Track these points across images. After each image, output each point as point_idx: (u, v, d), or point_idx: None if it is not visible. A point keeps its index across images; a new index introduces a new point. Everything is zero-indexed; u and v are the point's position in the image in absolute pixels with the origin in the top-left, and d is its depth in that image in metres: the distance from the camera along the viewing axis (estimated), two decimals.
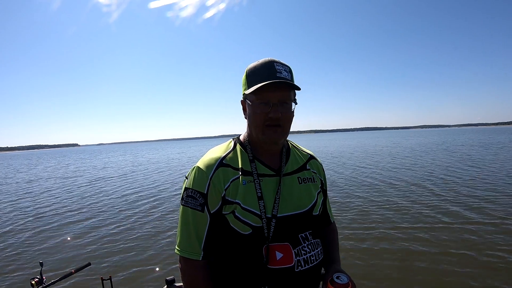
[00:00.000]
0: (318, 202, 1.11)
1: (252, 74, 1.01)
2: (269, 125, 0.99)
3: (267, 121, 0.98)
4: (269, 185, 1.02)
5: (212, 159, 1.02)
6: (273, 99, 0.97)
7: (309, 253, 1.02)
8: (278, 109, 0.97)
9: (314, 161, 1.20)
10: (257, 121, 1.00)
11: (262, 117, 0.98)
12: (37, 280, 1.85)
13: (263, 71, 0.98)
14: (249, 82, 1.01)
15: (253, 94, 0.98)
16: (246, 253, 0.99)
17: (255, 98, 0.99)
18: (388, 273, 3.73)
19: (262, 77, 0.97)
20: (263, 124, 0.99)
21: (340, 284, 0.91)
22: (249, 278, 0.98)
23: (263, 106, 0.98)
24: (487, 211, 5.89)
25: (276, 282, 0.97)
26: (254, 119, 1.01)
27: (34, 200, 9.95)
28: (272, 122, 0.98)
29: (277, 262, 0.97)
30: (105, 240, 5.44)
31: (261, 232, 0.97)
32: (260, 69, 0.99)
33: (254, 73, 1.00)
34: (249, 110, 1.03)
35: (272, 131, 1.00)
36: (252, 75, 1.00)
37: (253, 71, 1.01)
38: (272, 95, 0.97)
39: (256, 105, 0.99)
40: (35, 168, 26.05)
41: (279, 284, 0.97)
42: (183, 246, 1.00)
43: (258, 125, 1.00)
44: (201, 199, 0.98)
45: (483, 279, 3.46)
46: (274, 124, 0.99)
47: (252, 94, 0.99)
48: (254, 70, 1.01)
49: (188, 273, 1.01)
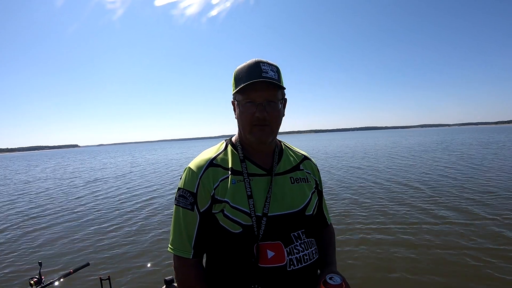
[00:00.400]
0: (312, 202, 1.10)
1: (239, 74, 1.02)
2: (256, 125, 1.00)
3: (254, 121, 1.00)
4: (260, 184, 1.03)
5: (202, 160, 1.05)
6: (259, 98, 0.98)
7: (302, 252, 1.02)
8: (264, 109, 0.98)
9: (308, 162, 1.20)
10: (245, 121, 1.02)
11: (249, 117, 1.00)
12: (36, 280, 1.86)
13: (249, 71, 0.99)
14: (236, 82, 1.02)
15: (240, 94, 1.00)
16: (236, 251, 1.00)
17: (242, 98, 1.00)
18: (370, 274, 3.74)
19: (248, 77, 0.98)
20: (251, 123, 1.00)
21: (332, 285, 0.90)
22: (240, 277, 0.98)
23: (249, 105, 0.99)
24: (477, 211, 5.91)
25: (268, 281, 0.96)
26: (241, 119, 1.03)
27: (32, 201, 9.95)
28: (259, 121, 0.99)
29: (269, 260, 0.97)
30: (104, 240, 5.45)
31: (251, 230, 0.98)
32: (246, 70, 1.00)
33: (241, 73, 1.01)
34: (237, 110, 1.05)
35: (259, 130, 1.01)
36: (239, 75, 1.01)
37: (240, 71, 1.02)
38: (258, 95, 0.98)
39: (243, 105, 1.01)
40: (34, 169, 26.06)
41: (271, 283, 0.96)
42: (175, 244, 1.02)
43: (245, 125, 1.02)
44: (191, 198, 1.01)
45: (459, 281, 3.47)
46: (261, 124, 1.00)
47: (239, 94, 1.01)
48: (241, 70, 1.02)
49: (180, 271, 1.03)
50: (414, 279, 3.53)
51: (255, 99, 0.98)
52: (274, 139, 1.09)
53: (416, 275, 3.60)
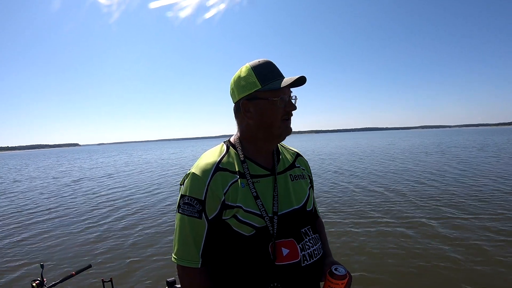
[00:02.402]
0: (311, 197, 1.14)
1: (262, 72, 1.02)
2: (285, 119, 1.05)
3: (284, 115, 1.04)
4: (265, 184, 1.04)
5: (207, 164, 1.01)
6: (288, 93, 1.05)
7: (312, 248, 1.05)
8: (294, 103, 1.06)
9: (301, 158, 1.24)
10: (276, 116, 1.03)
11: (281, 111, 1.03)
12: (38, 282, 1.85)
13: (272, 69, 1.03)
14: (262, 79, 1.01)
15: (270, 91, 1.01)
16: (251, 253, 0.98)
17: (273, 94, 1.01)
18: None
19: (275, 75, 1.02)
20: (282, 117, 1.04)
21: (339, 275, 0.93)
22: (258, 277, 0.97)
23: (281, 101, 1.02)
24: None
25: (285, 278, 0.97)
26: (272, 114, 1.02)
27: (34, 202, 9.96)
28: (289, 115, 1.05)
29: (284, 258, 0.98)
30: (106, 242, 5.44)
31: (265, 231, 0.98)
32: (269, 68, 1.03)
33: (265, 71, 1.02)
34: (264, 106, 1.02)
35: (287, 125, 1.06)
36: (263, 72, 1.02)
37: (262, 69, 1.03)
38: (288, 91, 1.04)
39: (279, 101, 1.02)
40: (37, 169, 26.06)
41: (288, 280, 0.97)
42: (181, 254, 0.99)
43: (276, 120, 1.03)
44: (199, 206, 0.97)
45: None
46: (288, 118, 1.06)
47: (269, 91, 1.01)
48: (263, 68, 1.03)
49: (187, 282, 1.00)
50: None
51: (286, 94, 1.03)
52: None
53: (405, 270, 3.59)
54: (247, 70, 1.04)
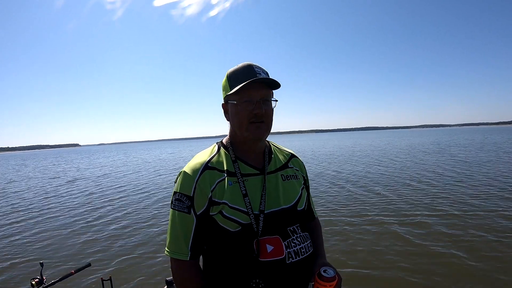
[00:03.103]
0: (303, 197, 1.16)
1: (233, 76, 1.07)
2: (253, 122, 1.05)
3: (251, 118, 1.05)
4: (254, 183, 1.07)
5: (197, 163, 1.07)
6: (256, 97, 1.04)
7: (299, 245, 1.07)
8: (261, 106, 1.04)
9: (296, 159, 1.26)
10: (242, 119, 1.05)
11: (247, 114, 1.04)
12: (37, 280, 1.86)
13: (244, 73, 1.05)
14: (231, 84, 1.07)
15: (237, 94, 1.05)
16: (236, 248, 1.02)
17: (239, 98, 1.05)
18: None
19: (244, 78, 1.04)
20: (248, 121, 1.05)
21: (327, 278, 0.94)
22: (242, 273, 1.01)
23: (247, 104, 1.04)
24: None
25: (268, 274, 1.00)
26: (238, 117, 1.06)
27: (33, 201, 9.97)
28: (256, 119, 1.05)
29: (268, 254, 1.01)
30: (106, 240, 5.46)
31: (250, 228, 1.02)
32: (241, 72, 1.06)
33: (236, 75, 1.07)
34: (233, 109, 1.08)
35: (256, 127, 1.06)
36: (234, 77, 1.07)
37: (234, 74, 1.07)
38: (255, 93, 1.04)
39: (241, 104, 1.05)
40: (34, 169, 26.07)
41: (271, 277, 1.00)
42: (172, 247, 1.04)
43: (242, 123, 1.06)
44: (188, 202, 1.03)
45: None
46: (258, 121, 1.05)
47: (235, 94, 1.05)
48: (236, 72, 1.07)
49: (178, 273, 1.05)
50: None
51: (252, 97, 1.04)
52: (267, 136, 1.14)
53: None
54: (225, 74, 1.11)
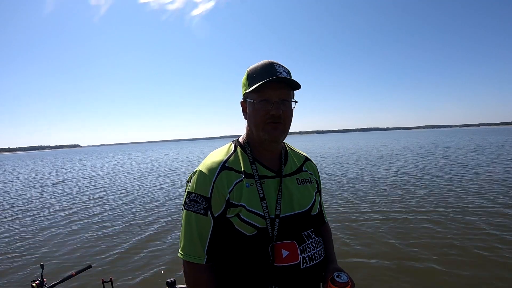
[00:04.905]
0: (316, 202, 1.14)
1: (253, 74, 1.03)
2: (270, 123, 1.01)
3: (268, 118, 1.01)
4: (270, 186, 1.04)
5: (214, 162, 1.03)
6: (274, 97, 1.00)
7: (313, 250, 1.04)
8: (279, 107, 1.00)
9: (310, 163, 1.23)
10: (258, 118, 1.01)
11: (264, 114, 1.00)
12: (38, 282, 1.85)
13: (264, 71, 1.01)
14: (250, 82, 1.03)
15: (255, 92, 1.01)
16: (252, 253, 0.99)
17: (257, 96, 1.01)
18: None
19: (263, 77, 1.00)
20: (264, 121, 1.01)
21: (340, 283, 0.92)
22: (256, 278, 0.98)
23: (264, 103, 1.00)
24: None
25: (283, 280, 0.97)
26: (255, 117, 1.03)
27: (33, 202, 9.96)
28: (273, 119, 1.00)
29: (283, 259, 0.98)
30: (106, 242, 5.44)
31: (265, 232, 0.98)
32: (261, 70, 1.02)
33: (255, 73, 1.02)
34: (250, 108, 1.04)
35: (273, 128, 1.02)
36: (253, 75, 1.02)
37: (254, 71, 1.03)
38: (274, 93, 1.00)
39: (258, 103, 1.01)
40: (38, 171, 26.08)
41: (286, 282, 0.97)
42: (187, 250, 1.00)
43: (259, 122, 1.02)
44: (205, 203, 0.99)
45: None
46: (275, 122, 1.01)
47: (253, 93, 1.01)
48: (255, 70, 1.03)
49: (192, 277, 1.01)
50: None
51: (270, 97, 1.00)
52: (284, 138, 1.10)
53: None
54: (246, 72, 1.07)
